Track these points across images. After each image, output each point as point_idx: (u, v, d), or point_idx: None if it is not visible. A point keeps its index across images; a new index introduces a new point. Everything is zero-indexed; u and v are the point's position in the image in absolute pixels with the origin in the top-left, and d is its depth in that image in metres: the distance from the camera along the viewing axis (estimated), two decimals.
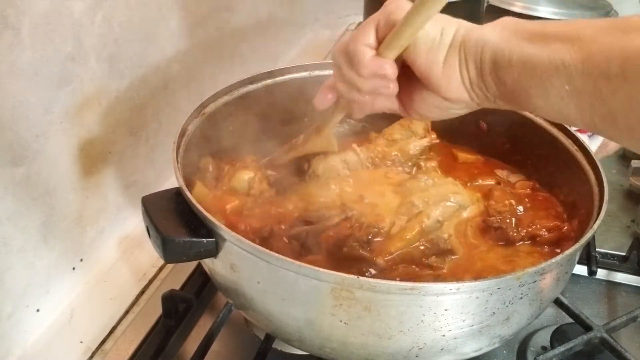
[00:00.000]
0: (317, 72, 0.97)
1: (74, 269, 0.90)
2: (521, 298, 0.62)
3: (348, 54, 0.61)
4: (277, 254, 0.59)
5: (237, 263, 0.64)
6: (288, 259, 0.59)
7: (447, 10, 0.55)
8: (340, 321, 0.60)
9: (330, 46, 1.67)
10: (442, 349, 0.62)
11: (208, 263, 0.70)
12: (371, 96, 0.63)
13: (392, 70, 0.60)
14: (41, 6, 0.74)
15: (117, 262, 0.96)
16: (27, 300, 0.81)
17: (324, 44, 1.69)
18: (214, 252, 0.65)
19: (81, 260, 0.91)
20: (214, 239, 0.64)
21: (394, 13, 0.58)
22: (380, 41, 0.60)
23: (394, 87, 0.62)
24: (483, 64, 0.56)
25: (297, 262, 0.58)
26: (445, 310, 0.58)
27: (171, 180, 1.06)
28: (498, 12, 1.55)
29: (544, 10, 1.56)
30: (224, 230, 0.62)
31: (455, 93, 0.58)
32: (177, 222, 0.66)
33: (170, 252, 0.64)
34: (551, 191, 0.87)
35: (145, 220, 0.67)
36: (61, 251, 0.86)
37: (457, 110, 0.62)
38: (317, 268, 0.58)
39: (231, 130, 0.90)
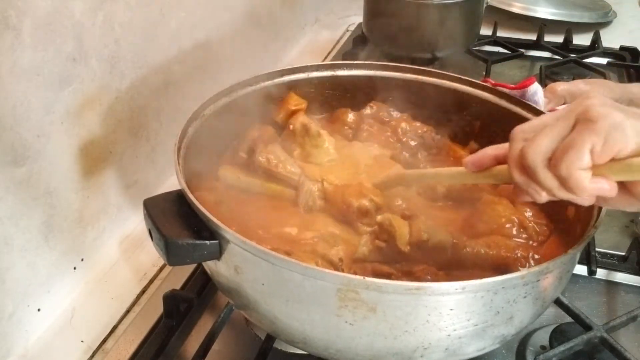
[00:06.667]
0: (315, 74, 0.97)
1: (75, 268, 0.90)
2: (525, 297, 0.62)
3: (558, 175, 0.53)
4: (282, 256, 0.59)
5: (241, 265, 0.64)
6: (293, 260, 0.58)
7: (448, 10, 0.55)
8: (346, 322, 0.60)
9: (330, 46, 1.68)
10: (446, 349, 0.62)
11: (210, 265, 0.70)
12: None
13: (614, 192, 0.53)
14: (42, 7, 0.74)
15: (118, 261, 0.96)
16: (28, 299, 0.81)
17: (324, 44, 1.70)
18: (217, 254, 0.65)
19: (82, 259, 0.91)
20: (217, 241, 0.64)
21: (614, 141, 0.50)
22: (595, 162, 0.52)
23: (611, 200, 0.55)
24: None
25: (303, 264, 0.58)
26: (451, 309, 0.58)
27: (172, 180, 1.06)
28: (497, 13, 1.52)
29: (542, 11, 1.55)
30: (228, 232, 0.62)
31: None
32: (180, 225, 0.65)
33: (173, 255, 0.63)
34: None
35: (148, 223, 0.67)
36: (62, 251, 0.86)
37: None
38: (322, 269, 0.58)
39: (230, 131, 0.90)
